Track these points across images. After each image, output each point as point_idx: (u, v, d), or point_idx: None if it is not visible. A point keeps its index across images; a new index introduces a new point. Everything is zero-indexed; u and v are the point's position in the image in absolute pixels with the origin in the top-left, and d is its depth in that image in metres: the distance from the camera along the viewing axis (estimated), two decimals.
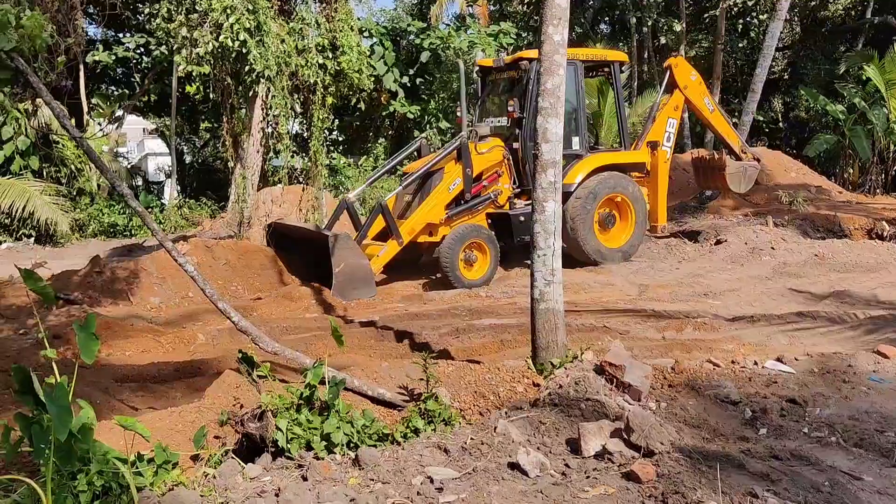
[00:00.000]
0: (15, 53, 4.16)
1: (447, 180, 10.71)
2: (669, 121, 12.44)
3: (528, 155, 10.63)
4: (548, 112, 5.10)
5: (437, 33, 20.26)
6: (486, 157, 11.00)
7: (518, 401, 4.79)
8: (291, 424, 4.21)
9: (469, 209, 10.85)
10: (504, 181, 11.20)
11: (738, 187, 13.58)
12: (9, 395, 6.13)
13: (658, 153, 12.15)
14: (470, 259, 10.53)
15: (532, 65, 10.69)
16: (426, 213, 10.55)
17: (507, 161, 11.19)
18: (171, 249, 4.60)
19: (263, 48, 11.41)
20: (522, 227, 10.71)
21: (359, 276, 9.60)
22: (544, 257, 5.13)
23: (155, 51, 18.20)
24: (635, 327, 7.51)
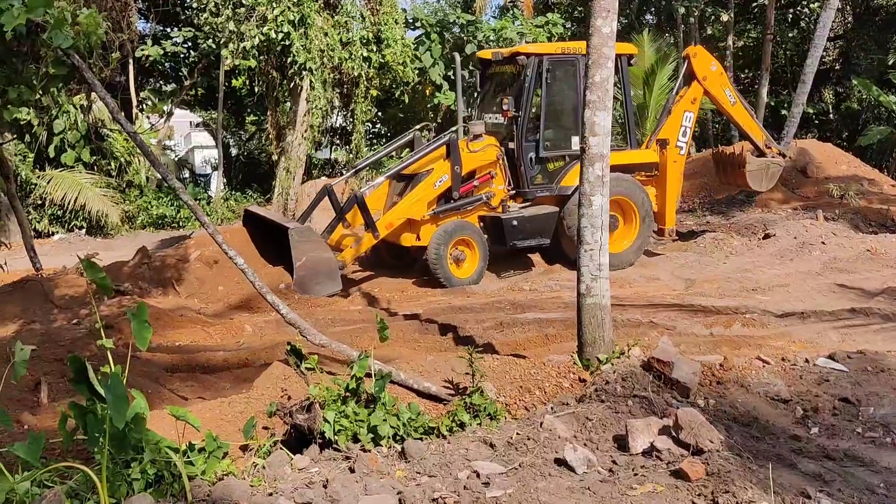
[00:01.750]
0: (71, 50, 4.25)
1: (433, 177, 10.27)
2: (686, 114, 11.80)
3: (524, 155, 10.48)
4: (596, 105, 5.05)
5: (488, 26, 20.17)
6: (477, 156, 10.52)
7: (564, 396, 4.77)
8: (338, 416, 4.26)
9: (457, 209, 10.43)
10: (498, 182, 10.68)
11: (759, 185, 12.91)
12: (63, 383, 6.29)
13: (667, 152, 11.51)
14: (459, 257, 10.19)
15: (530, 60, 10.38)
16: (407, 208, 10.16)
17: (501, 161, 10.67)
18: (221, 243, 4.67)
19: (306, 40, 11.46)
20: (515, 231, 10.35)
21: (322, 269, 9.33)
22: (591, 252, 5.10)
23: (202, 44, 18.44)
24: (682, 323, 7.42)
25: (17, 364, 4.27)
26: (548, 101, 10.68)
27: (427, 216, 10.23)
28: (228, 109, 23.39)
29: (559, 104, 11.13)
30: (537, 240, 10.56)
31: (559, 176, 10.75)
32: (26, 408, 5.49)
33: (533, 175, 10.65)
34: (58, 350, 6.96)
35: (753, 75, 28.36)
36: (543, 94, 10.50)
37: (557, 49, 10.96)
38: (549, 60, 10.51)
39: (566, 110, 11.07)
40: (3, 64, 4.30)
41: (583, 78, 10.51)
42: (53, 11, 4.14)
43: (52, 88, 4.49)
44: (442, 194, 10.35)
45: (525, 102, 10.40)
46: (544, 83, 10.46)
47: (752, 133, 12.74)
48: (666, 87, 20.33)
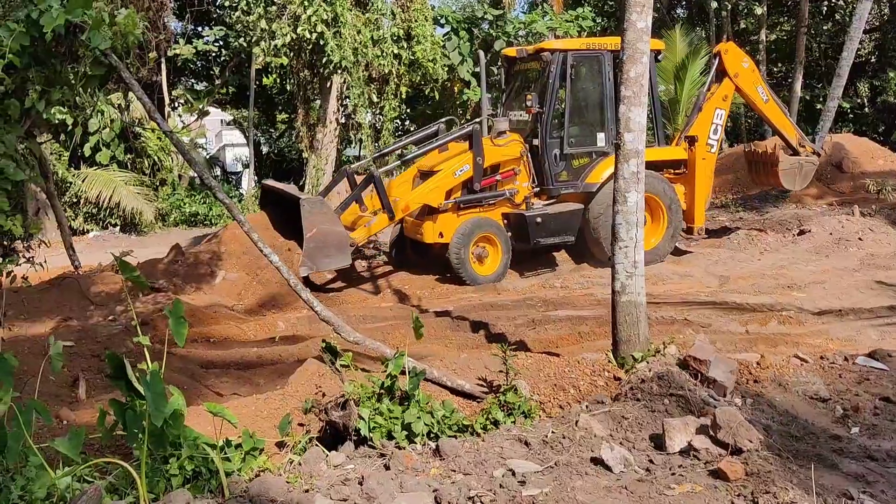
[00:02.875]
0: (109, 50, 4.30)
1: (454, 164, 10.15)
2: (717, 112, 11.53)
3: (548, 152, 10.34)
4: (631, 101, 5.00)
5: (517, 20, 20.10)
6: (501, 150, 10.42)
7: (599, 395, 4.74)
8: (373, 414, 4.27)
9: (479, 202, 10.33)
10: (522, 179, 10.55)
11: (792, 185, 12.63)
12: (100, 379, 6.37)
13: (696, 149, 11.30)
14: (481, 255, 10.06)
15: (555, 56, 10.24)
16: (425, 194, 10.03)
17: (525, 158, 10.55)
18: (257, 241, 4.69)
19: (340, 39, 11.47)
20: (539, 228, 10.19)
21: (331, 242, 9.08)
22: (626, 249, 5.05)
23: (233, 43, 18.58)
24: (717, 320, 7.34)
25: (53, 358, 4.34)
26: (572, 98, 10.57)
27: (448, 205, 10.08)
28: (259, 107, 23.57)
29: (584, 100, 11.02)
30: (562, 237, 10.45)
31: (584, 173, 10.61)
32: (65, 403, 5.57)
33: (557, 172, 10.52)
34: (94, 346, 7.05)
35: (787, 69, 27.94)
36: (568, 90, 10.38)
37: (582, 45, 10.85)
38: (573, 56, 10.39)
39: (591, 106, 10.96)
40: (43, 65, 4.35)
41: (608, 74, 10.52)
42: (92, 12, 4.19)
43: (90, 88, 4.55)
44: (464, 185, 10.24)
45: (549, 99, 10.26)
46: (569, 79, 10.34)
47: (785, 131, 12.48)
48: (697, 82, 20.10)
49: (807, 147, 12.60)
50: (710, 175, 11.59)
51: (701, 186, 11.34)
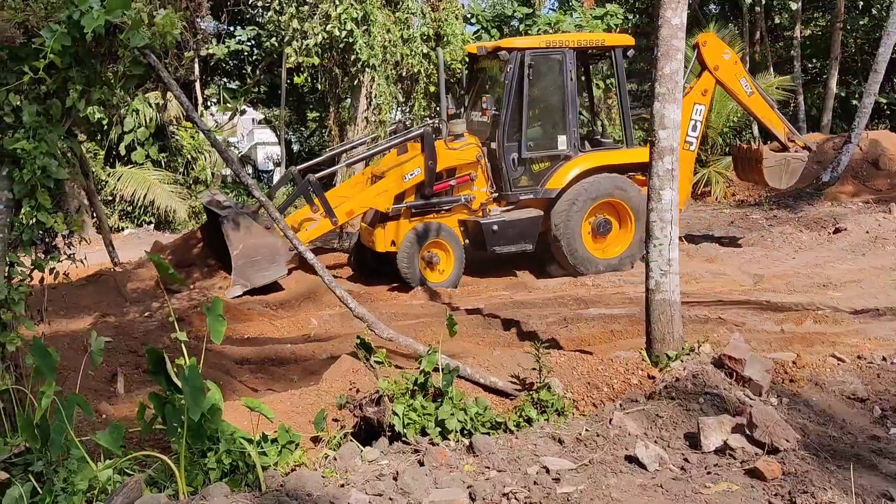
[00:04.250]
0: (148, 50, 4.36)
1: (404, 168, 9.74)
2: (696, 107, 10.86)
3: (506, 156, 9.91)
4: (665, 98, 4.98)
5: (544, 19, 20.01)
6: (455, 154, 9.93)
7: (633, 393, 4.72)
8: (407, 410, 4.30)
9: (434, 209, 9.95)
10: (480, 185, 10.09)
11: (777, 182, 11.92)
12: (137, 374, 6.49)
13: None
14: (432, 260, 9.71)
15: (512, 55, 9.78)
16: (372, 198, 9.73)
17: (482, 162, 10.06)
18: (292, 238, 4.74)
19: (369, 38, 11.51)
20: (496, 236, 9.82)
21: (261, 255, 8.81)
22: (660, 247, 5.03)
23: (265, 42, 18.73)
24: (751, 319, 7.26)
25: (94, 353, 4.43)
26: (531, 99, 10.05)
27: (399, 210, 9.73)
28: (290, 106, 23.74)
29: (544, 102, 10.56)
30: (520, 245, 10.01)
31: (544, 178, 10.12)
32: (103, 398, 5.67)
33: (516, 177, 10.06)
34: (132, 342, 7.18)
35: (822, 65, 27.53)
36: (526, 90, 9.83)
37: (542, 42, 10.44)
38: (531, 55, 9.86)
39: (551, 108, 10.48)
40: (83, 65, 4.43)
41: (570, 73, 10.00)
42: (131, 13, 4.25)
43: (129, 88, 4.62)
44: (417, 190, 9.87)
45: (507, 100, 9.77)
46: (527, 79, 9.79)
47: (772, 126, 11.77)
48: None
49: (797, 142, 11.95)
50: (688, 174, 10.88)
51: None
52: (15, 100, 4.29)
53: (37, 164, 4.28)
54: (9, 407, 4.18)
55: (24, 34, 4.27)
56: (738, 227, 14.42)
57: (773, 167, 11.71)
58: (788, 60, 24.71)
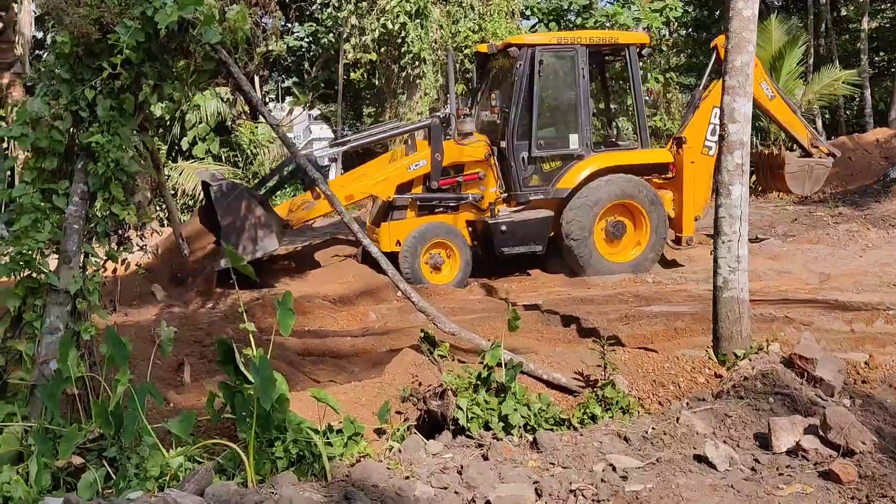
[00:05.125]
0: (219, 45, 4.43)
1: (410, 158, 9.65)
2: (715, 110, 10.14)
3: (516, 155, 9.71)
4: (735, 91, 4.87)
5: (601, 11, 19.78)
6: (463, 150, 9.79)
7: (699, 392, 4.64)
8: (471, 404, 4.30)
9: (439, 203, 9.84)
10: (488, 184, 9.90)
11: (800, 189, 11.59)
12: (203, 364, 6.61)
13: (683, 151, 10.26)
14: (436, 262, 9.56)
15: (523, 52, 9.58)
16: (373, 185, 9.61)
17: (491, 161, 9.88)
18: (356, 231, 4.77)
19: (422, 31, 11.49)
20: (505, 237, 9.62)
21: (255, 227, 8.66)
22: (729, 243, 4.92)
23: (323, 39, 18.91)
24: (819, 319, 7.05)
25: (164, 342, 4.53)
26: (542, 96, 9.82)
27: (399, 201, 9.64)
28: (346, 101, 23.94)
29: (555, 99, 10.37)
30: (529, 247, 9.77)
31: (556, 177, 9.89)
32: (171, 387, 5.79)
33: (526, 176, 9.83)
34: (197, 332, 7.31)
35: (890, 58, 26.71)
36: (537, 88, 9.63)
37: (553, 39, 10.22)
38: (542, 52, 9.67)
39: (563, 106, 10.27)
40: (156, 60, 4.52)
41: (583, 70, 9.77)
42: (203, 8, 4.32)
43: (200, 83, 4.70)
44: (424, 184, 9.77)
45: (517, 97, 9.58)
46: (538, 76, 9.59)
47: (795, 131, 11.36)
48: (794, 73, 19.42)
49: (820, 148, 11.52)
50: (707, 179, 10.43)
51: (689, 192, 10.33)
52: (90, 94, 4.40)
53: (110, 158, 4.37)
54: (83, 394, 4.28)
55: (100, 30, 4.36)
56: (801, 224, 14.07)
57: (796, 173, 11.37)
58: (855, 54, 24.03)
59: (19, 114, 4.53)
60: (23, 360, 4.34)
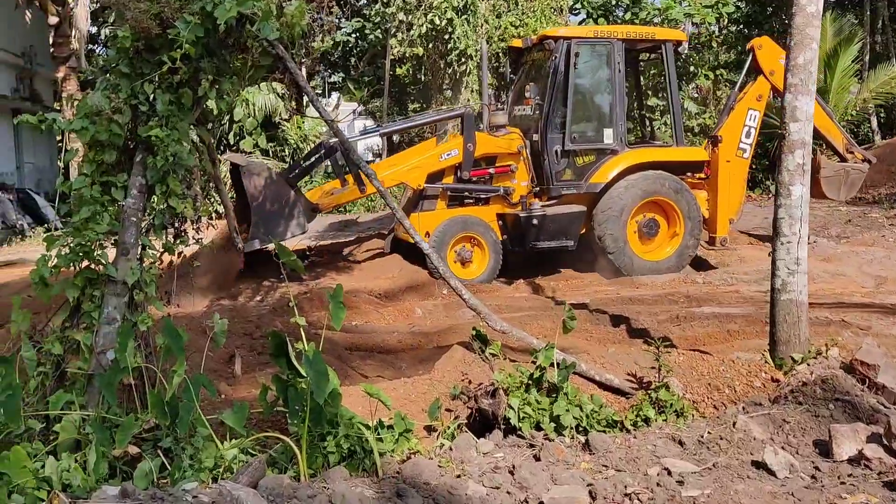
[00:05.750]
0: (276, 41, 4.45)
1: (442, 147, 9.57)
2: (750, 112, 10.32)
3: (549, 148, 9.59)
4: (798, 89, 4.75)
5: (653, 6, 19.51)
6: (496, 142, 9.73)
7: (756, 396, 4.54)
8: (522, 404, 4.26)
9: (469, 195, 9.75)
10: (520, 178, 9.78)
11: (835, 194, 11.35)
12: (253, 356, 6.66)
13: (719, 150, 10.18)
14: (464, 256, 9.48)
15: (558, 45, 9.49)
16: (405, 173, 9.53)
17: (524, 154, 9.77)
18: (409, 227, 4.77)
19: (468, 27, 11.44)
20: (536, 231, 9.50)
21: (283, 210, 8.62)
22: (788, 245, 4.81)
23: (370, 34, 18.98)
24: (877, 323, 6.86)
25: (217, 335, 4.57)
26: (577, 90, 9.75)
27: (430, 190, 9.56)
28: (392, 97, 24.00)
29: (590, 93, 10.27)
30: (560, 241, 9.68)
31: (589, 172, 9.79)
32: (222, 378, 5.84)
33: (559, 170, 9.71)
34: (246, 325, 7.38)
35: None
36: (572, 81, 9.55)
37: (589, 32, 10.10)
38: (578, 44, 9.60)
39: (598, 100, 10.18)
40: (214, 55, 4.56)
41: (618, 64, 9.68)
42: (262, 3, 4.35)
43: (257, 78, 4.74)
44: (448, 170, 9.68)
45: (552, 90, 9.47)
46: (573, 69, 9.52)
47: (830, 136, 11.16)
48: (849, 70, 18.95)
49: (856, 153, 11.31)
50: (741, 181, 10.38)
51: (724, 192, 10.22)
52: (149, 89, 4.45)
53: (169, 152, 4.42)
54: (139, 384, 4.34)
55: (160, 25, 4.41)
56: (855, 225, 13.74)
57: (831, 177, 11.18)
58: None
59: (80, 107, 4.59)
60: (80, 350, 4.41)
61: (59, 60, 17.84)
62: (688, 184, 10.09)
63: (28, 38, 22.41)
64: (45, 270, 4.30)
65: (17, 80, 22.32)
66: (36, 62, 22.71)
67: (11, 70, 22.14)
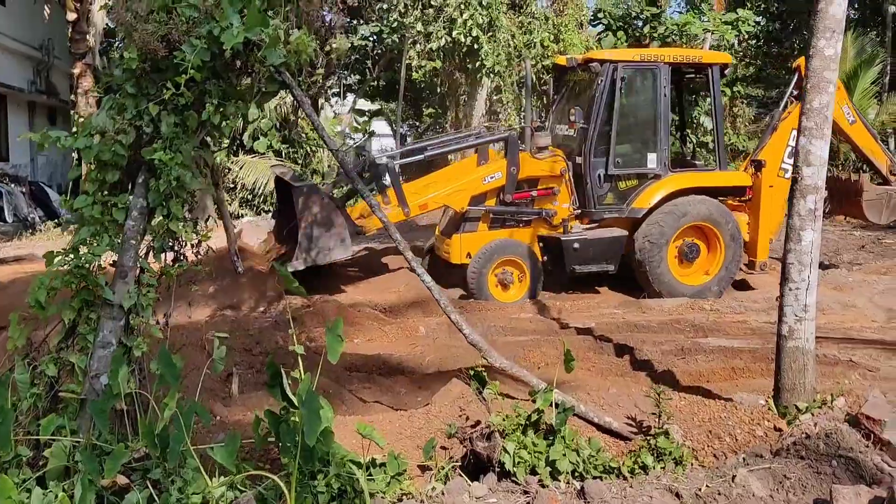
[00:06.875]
0: (283, 68, 4.40)
1: (485, 170, 9.62)
2: (794, 133, 9.72)
3: (592, 172, 9.60)
4: (812, 133, 4.65)
5: (671, 21, 19.40)
6: (539, 164, 9.73)
7: (757, 446, 4.45)
8: (518, 448, 4.19)
9: (511, 217, 9.77)
10: (562, 200, 9.80)
11: (877, 217, 11.24)
12: (252, 374, 6.63)
13: (763, 174, 10.09)
14: (505, 280, 9.51)
15: (604, 67, 9.51)
16: (448, 196, 9.58)
17: (566, 177, 9.79)
18: (410, 260, 4.70)
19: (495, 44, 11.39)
20: (577, 255, 9.51)
21: (328, 232, 8.75)
22: (797, 291, 4.71)
23: (387, 39, 18.94)
24: (886, 364, 6.75)
25: (216, 361, 4.52)
26: (621, 113, 9.71)
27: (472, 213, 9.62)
28: (407, 100, 23.96)
29: (635, 117, 10.21)
30: (601, 265, 9.65)
31: (631, 197, 9.81)
32: (218, 398, 5.80)
33: (601, 194, 9.75)
34: (246, 340, 7.34)
35: None
36: (617, 104, 9.57)
37: (636, 56, 10.01)
38: (624, 68, 9.61)
39: (643, 124, 10.09)
40: (220, 79, 4.51)
41: (664, 89, 9.65)
42: (269, 30, 4.30)
43: (263, 103, 4.68)
44: (495, 196, 9.72)
45: (596, 113, 9.51)
46: (619, 93, 9.54)
47: (874, 157, 11.07)
48: (869, 92, 18.81)
49: None
50: (782, 202, 10.10)
51: (766, 216, 10.16)
52: (154, 110, 4.41)
53: (172, 175, 4.38)
54: (132, 410, 4.30)
55: (166, 47, 4.36)
56: (869, 251, 13.62)
57: (873, 201, 11.10)
58: None
59: (84, 126, 4.56)
60: (74, 373, 4.38)
61: (76, 56, 17.87)
62: (728, 206, 10.09)
63: (46, 32, 22.52)
64: (41, 294, 4.26)
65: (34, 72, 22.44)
66: (54, 55, 22.83)
67: (29, 63, 22.25)
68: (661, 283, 9.67)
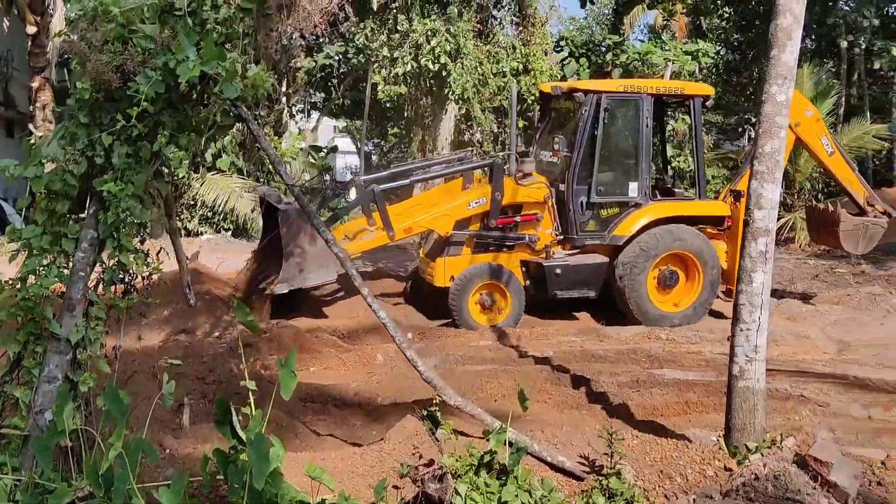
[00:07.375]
0: (239, 101, 4.36)
1: (470, 195, 9.78)
2: None
3: (574, 199, 9.79)
4: (764, 177, 4.74)
5: (633, 49, 19.70)
6: (523, 191, 9.85)
7: (707, 487, 4.48)
8: (471, 489, 4.16)
9: (494, 241, 9.85)
10: (545, 226, 9.97)
11: (854, 248, 11.47)
12: (204, 404, 6.52)
13: (741, 204, 9.88)
14: (485, 303, 9.64)
15: (588, 98, 9.69)
16: (433, 220, 9.71)
17: (549, 203, 9.94)
18: (366, 296, 4.67)
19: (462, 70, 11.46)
20: (558, 280, 9.67)
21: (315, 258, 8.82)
22: (747, 332, 4.78)
23: (353, 59, 18.97)
24: (836, 399, 6.87)
25: (165, 396, 4.42)
26: (604, 143, 9.91)
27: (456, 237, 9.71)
28: (372, 119, 23.97)
29: (617, 147, 10.43)
30: (582, 291, 9.84)
31: (612, 224, 9.98)
32: (169, 430, 5.69)
33: (583, 221, 9.94)
34: (200, 367, 7.23)
35: None
36: (600, 134, 9.75)
37: (619, 87, 10.20)
38: (608, 99, 9.80)
39: (624, 154, 10.33)
40: (174, 109, 4.45)
41: (646, 120, 9.85)
42: (225, 64, 4.25)
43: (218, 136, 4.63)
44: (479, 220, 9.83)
45: (579, 142, 9.69)
46: (601, 123, 9.74)
47: (852, 188, 11.29)
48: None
49: (876, 207, 11.35)
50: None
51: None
52: (107, 140, 4.34)
53: (122, 207, 4.31)
54: (76, 447, 4.20)
55: (121, 78, 4.30)
56: (822, 281, 13.85)
57: (850, 231, 11.29)
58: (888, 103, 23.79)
59: (34, 154, 4.47)
60: (18, 407, 4.26)
61: (35, 70, 17.60)
62: (707, 235, 10.29)
63: (6, 43, 22.14)
64: None
65: None
66: (13, 67, 22.43)
67: None
68: (639, 308, 9.83)
